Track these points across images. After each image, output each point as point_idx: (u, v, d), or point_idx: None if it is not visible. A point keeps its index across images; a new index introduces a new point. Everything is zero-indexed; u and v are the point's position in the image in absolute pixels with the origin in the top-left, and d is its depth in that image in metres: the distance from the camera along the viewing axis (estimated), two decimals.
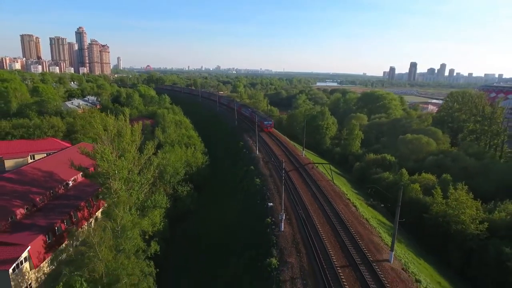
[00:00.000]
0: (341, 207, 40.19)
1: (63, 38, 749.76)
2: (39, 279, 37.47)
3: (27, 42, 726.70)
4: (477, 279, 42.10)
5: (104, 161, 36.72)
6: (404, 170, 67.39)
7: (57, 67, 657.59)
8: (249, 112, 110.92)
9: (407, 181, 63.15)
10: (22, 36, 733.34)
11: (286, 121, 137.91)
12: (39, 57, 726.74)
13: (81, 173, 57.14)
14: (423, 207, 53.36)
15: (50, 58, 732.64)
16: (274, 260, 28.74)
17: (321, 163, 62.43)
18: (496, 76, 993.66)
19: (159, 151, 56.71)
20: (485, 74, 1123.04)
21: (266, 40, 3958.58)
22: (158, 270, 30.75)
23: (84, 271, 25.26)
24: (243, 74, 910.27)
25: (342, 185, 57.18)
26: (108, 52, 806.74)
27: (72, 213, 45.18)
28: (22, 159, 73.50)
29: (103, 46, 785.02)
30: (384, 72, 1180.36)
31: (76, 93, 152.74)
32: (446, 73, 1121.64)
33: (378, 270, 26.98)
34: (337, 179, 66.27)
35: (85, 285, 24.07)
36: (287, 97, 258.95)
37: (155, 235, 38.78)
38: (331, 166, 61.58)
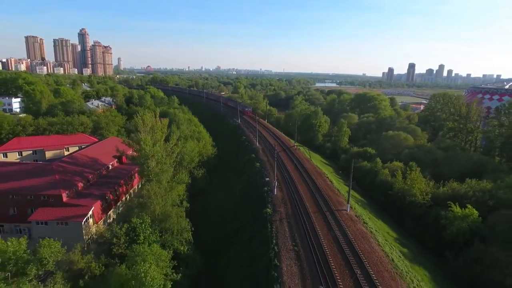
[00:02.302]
0: (319, 181, 54.22)
1: (67, 40, 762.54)
2: (97, 232, 51.29)
3: (32, 44, 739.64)
4: (422, 237, 55.93)
5: (146, 145, 50.50)
6: (378, 159, 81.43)
7: (62, 68, 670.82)
8: (233, 104, 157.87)
9: (380, 167, 77.10)
10: (26, 38, 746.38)
11: (284, 120, 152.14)
12: (43, 58, 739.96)
13: (116, 160, 71.46)
14: (390, 187, 67.19)
15: (53, 59, 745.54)
16: (269, 210, 42.64)
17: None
18: (495, 76, 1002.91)
19: (179, 142, 70.40)
20: (483, 75, 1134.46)
21: (266, 41, 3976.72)
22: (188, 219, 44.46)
23: (147, 212, 39.12)
24: (243, 75, 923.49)
25: (326, 170, 71.07)
26: (111, 53, 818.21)
27: (115, 187, 59.07)
28: (59, 150, 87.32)
29: (105, 47, 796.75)
30: (383, 73, 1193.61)
31: (92, 94, 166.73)
32: (445, 73, 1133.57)
33: (337, 214, 40.94)
34: (324, 167, 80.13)
35: (148, 219, 37.84)
36: (286, 98, 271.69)
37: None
38: (309, 149, 76.75)
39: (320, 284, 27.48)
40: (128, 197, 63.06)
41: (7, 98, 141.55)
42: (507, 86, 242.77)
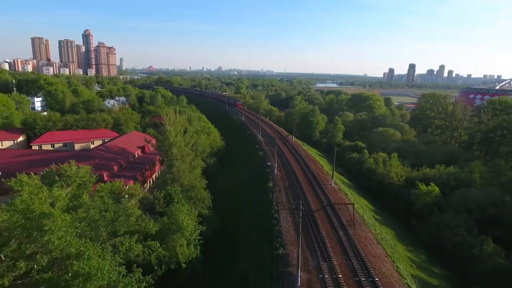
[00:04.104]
0: (311, 165, 66.18)
1: (72, 41, 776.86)
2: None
3: (38, 45, 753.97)
4: (397, 212, 67.59)
5: (170, 135, 62.35)
6: (365, 151, 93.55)
7: (67, 69, 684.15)
8: (227, 99, 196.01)
9: (366, 157, 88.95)
10: (32, 39, 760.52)
11: (284, 118, 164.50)
12: (48, 59, 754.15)
13: (140, 150, 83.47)
14: (373, 173, 78.94)
15: (58, 60, 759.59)
16: (270, 184, 54.57)
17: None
18: (495, 77, 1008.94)
19: (194, 135, 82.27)
20: (484, 75, 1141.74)
21: (267, 41, 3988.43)
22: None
23: (177, 183, 51.08)
24: (244, 75, 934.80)
25: (319, 159, 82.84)
26: (115, 54, 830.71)
27: (142, 171, 71.08)
28: (86, 143, 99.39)
29: (109, 48, 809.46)
30: (384, 73, 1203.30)
31: (106, 94, 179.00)
32: (445, 74, 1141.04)
33: (323, 186, 52.86)
34: (318, 158, 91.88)
35: (179, 188, 49.75)
36: (286, 98, 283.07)
37: None
38: (307, 144, 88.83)
39: (307, 229, 39.31)
40: (152, 180, 75.18)
41: (29, 97, 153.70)
42: (497, 87, 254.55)
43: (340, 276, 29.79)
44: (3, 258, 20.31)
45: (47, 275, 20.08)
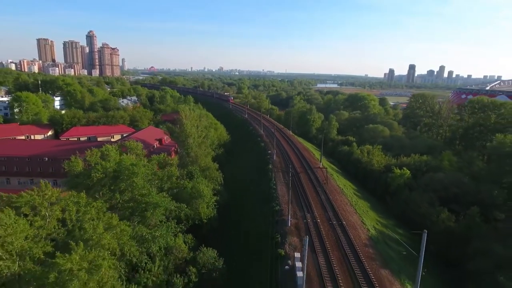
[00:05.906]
0: (305, 153, 78.87)
1: (76, 42, 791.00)
2: None
3: (43, 46, 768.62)
4: (377, 193, 79.97)
5: (187, 128, 75.00)
6: (354, 144, 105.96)
7: (72, 70, 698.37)
8: (219, 95, 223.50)
9: (354, 149, 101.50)
10: (38, 40, 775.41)
11: (284, 116, 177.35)
12: (53, 60, 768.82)
13: (157, 142, 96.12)
14: (359, 162, 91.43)
15: (63, 61, 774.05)
16: (270, 166, 67.13)
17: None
18: (496, 77, 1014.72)
19: (204, 129, 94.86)
20: (484, 76, 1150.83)
21: (268, 41, 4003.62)
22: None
23: (195, 164, 63.83)
24: (245, 76, 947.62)
25: (313, 150, 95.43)
26: (118, 54, 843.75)
27: None
28: (107, 137, 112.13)
29: (113, 49, 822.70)
30: (385, 74, 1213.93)
31: (118, 94, 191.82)
32: (445, 74, 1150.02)
33: (313, 168, 65.34)
34: (313, 150, 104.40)
35: (198, 168, 62.42)
36: (287, 98, 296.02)
37: None
38: (304, 139, 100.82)
39: (298, 194, 51.86)
40: None
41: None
42: (488, 87, 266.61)
43: (319, 221, 42.36)
44: (104, 193, 32.85)
45: (130, 204, 32.59)
